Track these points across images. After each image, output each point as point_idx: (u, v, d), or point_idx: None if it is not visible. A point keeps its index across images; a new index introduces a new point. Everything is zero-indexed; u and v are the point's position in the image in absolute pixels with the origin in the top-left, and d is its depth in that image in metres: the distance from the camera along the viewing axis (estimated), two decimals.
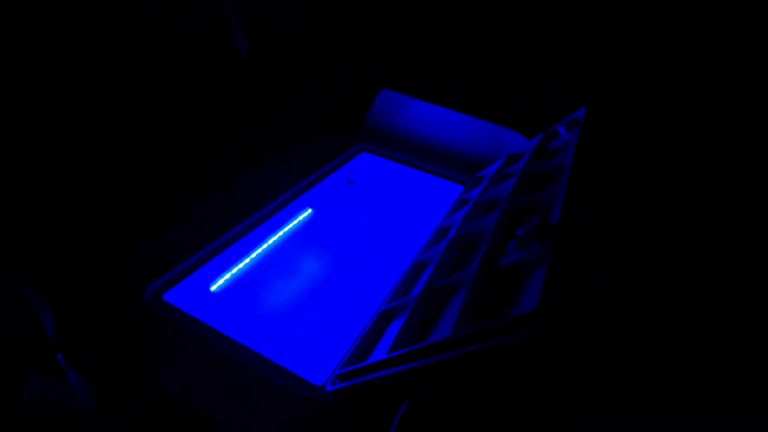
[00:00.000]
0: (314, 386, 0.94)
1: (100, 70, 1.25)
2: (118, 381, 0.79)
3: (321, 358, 1.14)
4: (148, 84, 1.46)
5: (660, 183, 1.22)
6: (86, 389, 0.67)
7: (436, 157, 1.82)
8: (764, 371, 0.83)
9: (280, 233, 1.74)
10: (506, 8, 1.73)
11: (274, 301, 1.57)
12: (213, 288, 1.49)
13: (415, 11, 1.97)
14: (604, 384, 0.83)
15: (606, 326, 0.88)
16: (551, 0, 1.66)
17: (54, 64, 1.08)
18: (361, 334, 1.01)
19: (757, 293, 0.95)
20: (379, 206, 1.99)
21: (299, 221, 1.83)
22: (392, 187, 1.92)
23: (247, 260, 1.61)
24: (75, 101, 1.21)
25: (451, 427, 0.72)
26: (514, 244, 0.82)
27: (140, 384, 0.82)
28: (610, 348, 0.87)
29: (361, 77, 1.94)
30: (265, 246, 1.68)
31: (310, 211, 1.88)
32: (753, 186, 1.17)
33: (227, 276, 1.54)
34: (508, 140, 1.72)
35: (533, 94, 1.66)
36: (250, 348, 0.99)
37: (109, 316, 0.94)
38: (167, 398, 0.83)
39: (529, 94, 1.66)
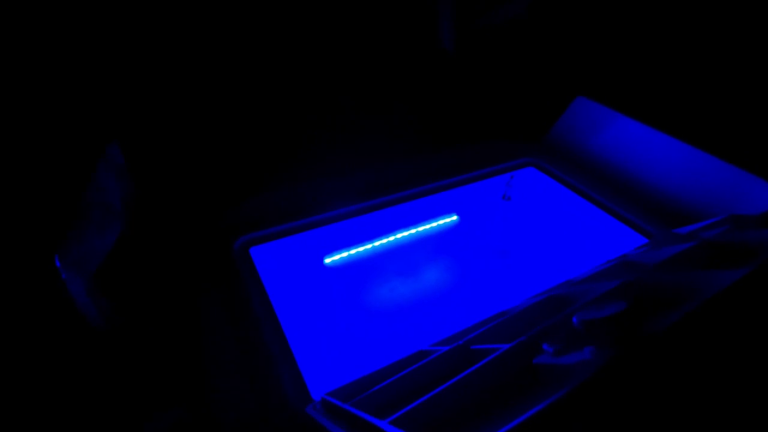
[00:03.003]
0: (309, 398, 0.83)
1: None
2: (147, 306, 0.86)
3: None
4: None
5: None
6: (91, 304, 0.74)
7: (627, 195, 1.35)
8: None
9: (413, 230, 1.64)
10: None
11: (374, 298, 1.49)
12: (327, 261, 1.51)
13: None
14: None
15: None
16: None
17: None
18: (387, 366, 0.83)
19: None
20: (532, 234, 1.63)
21: (440, 225, 1.68)
22: (555, 216, 1.54)
23: (369, 245, 1.58)
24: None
25: None
26: (565, 336, 0.49)
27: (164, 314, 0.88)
28: None
29: (562, 82, 1.61)
30: (392, 238, 1.61)
31: (455, 217, 1.70)
32: None
33: (344, 254, 1.54)
34: (751, 192, 1.13)
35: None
36: (285, 334, 0.94)
37: (190, 254, 1.05)
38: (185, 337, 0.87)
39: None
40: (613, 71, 1.47)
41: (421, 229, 1.66)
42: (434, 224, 1.68)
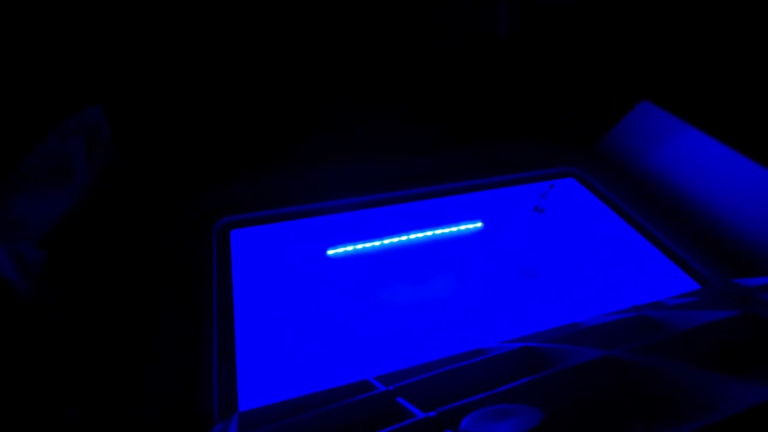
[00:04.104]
0: (234, 408, 0.75)
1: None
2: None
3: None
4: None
5: None
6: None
7: (685, 226, 1.10)
8: None
9: (429, 233, 1.49)
10: None
11: (369, 301, 1.36)
12: (330, 253, 1.42)
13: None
14: None
15: None
16: None
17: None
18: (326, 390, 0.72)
19: None
20: (562, 257, 1.41)
21: (461, 230, 1.51)
22: (592, 241, 1.31)
23: (377, 242, 1.46)
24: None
25: None
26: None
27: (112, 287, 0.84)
28: None
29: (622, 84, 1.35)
30: (404, 237, 1.47)
31: (480, 224, 1.52)
32: None
33: (349, 248, 1.44)
34: None
35: None
36: (235, 332, 0.86)
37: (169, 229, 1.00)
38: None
39: None
40: (690, 74, 1.19)
41: (439, 232, 1.50)
42: (455, 229, 1.51)
